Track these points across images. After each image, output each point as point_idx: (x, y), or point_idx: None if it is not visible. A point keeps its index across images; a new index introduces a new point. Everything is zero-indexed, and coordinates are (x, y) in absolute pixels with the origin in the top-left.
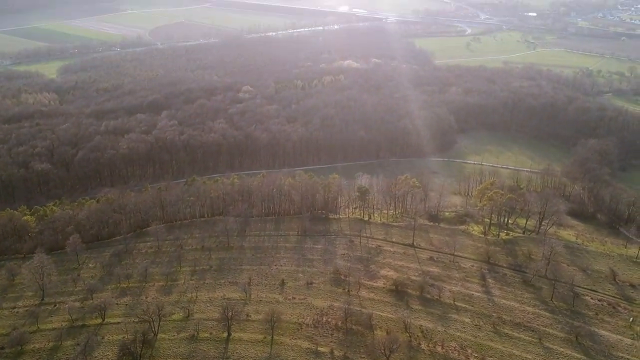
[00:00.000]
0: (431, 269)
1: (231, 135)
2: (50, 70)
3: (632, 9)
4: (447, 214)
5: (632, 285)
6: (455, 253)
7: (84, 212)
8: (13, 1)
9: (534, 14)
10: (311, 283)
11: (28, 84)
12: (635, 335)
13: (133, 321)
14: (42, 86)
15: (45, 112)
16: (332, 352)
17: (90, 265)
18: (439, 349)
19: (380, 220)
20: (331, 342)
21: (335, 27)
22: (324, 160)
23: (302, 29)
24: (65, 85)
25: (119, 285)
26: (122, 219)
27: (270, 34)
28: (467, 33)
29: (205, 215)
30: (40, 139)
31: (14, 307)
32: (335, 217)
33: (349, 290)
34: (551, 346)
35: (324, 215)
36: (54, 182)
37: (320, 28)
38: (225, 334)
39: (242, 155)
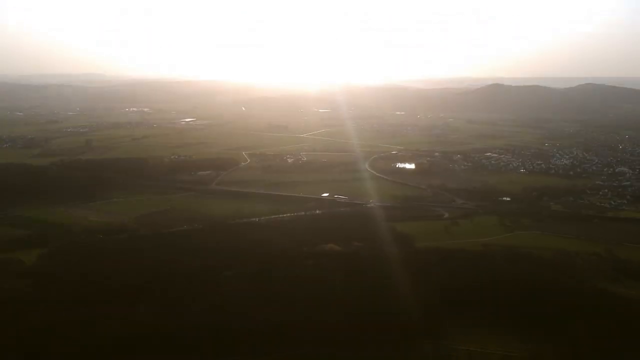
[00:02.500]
0: None
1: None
2: (29, 257)
3: (600, 193)
4: None
5: None
6: None
7: None
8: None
9: (508, 199)
10: None
11: (3, 270)
12: None
13: None
14: (18, 274)
15: (18, 298)
16: None
17: None
18: None
19: None
20: None
21: (317, 212)
22: (307, 348)
23: (285, 215)
24: (41, 271)
25: None
26: None
27: (254, 219)
28: (445, 217)
29: None
30: (9, 325)
31: None
32: None
33: None
34: None
35: None
36: None
37: (303, 213)
38: None
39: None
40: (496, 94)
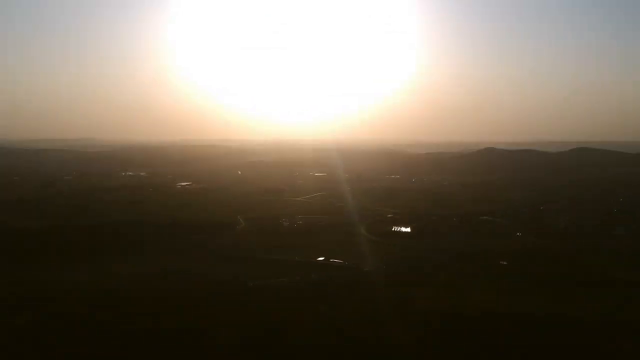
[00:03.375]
0: None
1: None
2: (19, 321)
3: (598, 254)
4: None
5: None
6: None
7: None
8: None
9: (505, 262)
10: None
11: None
12: None
13: None
14: (7, 338)
15: None
16: None
17: None
18: None
19: None
20: None
21: (313, 276)
22: None
23: (280, 279)
24: (30, 335)
25: None
26: None
27: (249, 283)
28: (442, 280)
29: None
30: None
31: None
32: None
33: None
34: None
35: None
36: None
37: (298, 278)
38: None
39: None
40: (489, 158)
